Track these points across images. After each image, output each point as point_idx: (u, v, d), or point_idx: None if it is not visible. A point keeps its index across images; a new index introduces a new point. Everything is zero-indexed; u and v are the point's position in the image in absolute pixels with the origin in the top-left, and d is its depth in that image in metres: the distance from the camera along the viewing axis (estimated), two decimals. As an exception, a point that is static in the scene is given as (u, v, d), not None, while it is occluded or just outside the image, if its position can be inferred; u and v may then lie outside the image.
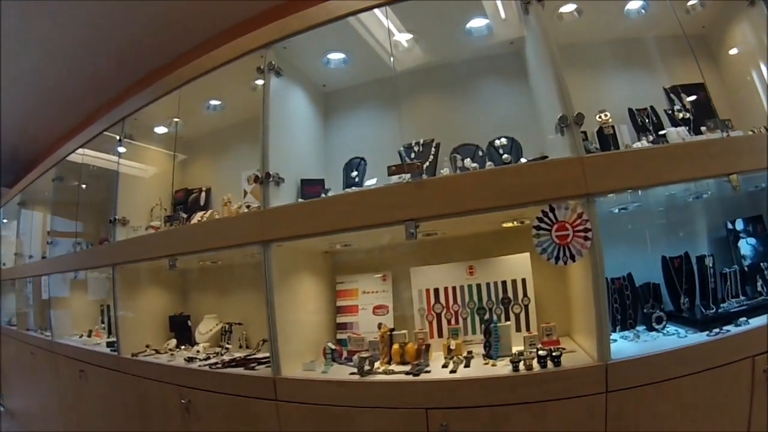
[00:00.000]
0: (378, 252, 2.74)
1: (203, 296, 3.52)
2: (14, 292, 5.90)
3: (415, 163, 2.08)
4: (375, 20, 2.50)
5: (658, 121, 2.33)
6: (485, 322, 2.29)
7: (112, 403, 3.22)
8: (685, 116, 2.28)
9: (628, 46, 2.52)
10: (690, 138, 2.06)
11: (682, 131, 2.12)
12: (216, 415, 2.44)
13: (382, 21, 2.51)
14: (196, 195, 3.41)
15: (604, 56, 2.50)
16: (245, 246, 2.43)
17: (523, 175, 1.83)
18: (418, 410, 1.83)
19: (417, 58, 2.72)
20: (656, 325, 2.11)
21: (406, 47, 2.65)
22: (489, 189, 1.85)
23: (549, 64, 1.93)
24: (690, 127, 2.19)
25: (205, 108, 3.30)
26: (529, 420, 1.69)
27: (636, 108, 2.35)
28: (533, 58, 2.32)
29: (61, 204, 4.59)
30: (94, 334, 3.98)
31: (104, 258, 3.35)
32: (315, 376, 2.20)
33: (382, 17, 2.44)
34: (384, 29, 2.57)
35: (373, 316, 2.66)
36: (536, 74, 2.32)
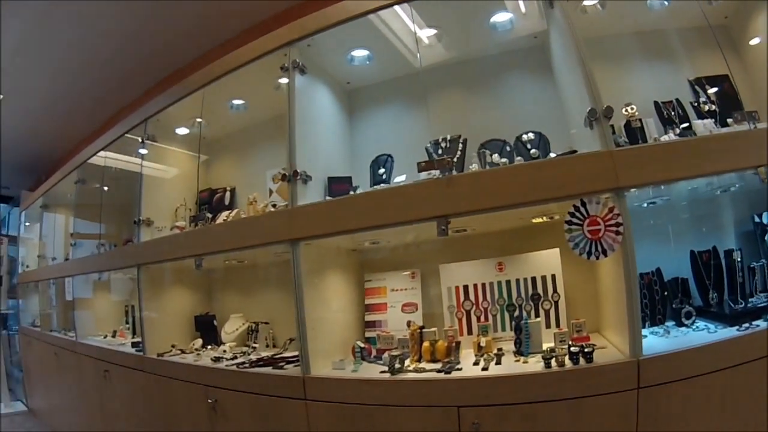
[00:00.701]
0: (406, 249, 2.72)
1: (228, 296, 3.52)
2: (37, 294, 5.98)
3: (446, 159, 2.05)
4: (398, 17, 2.48)
5: (683, 113, 2.28)
6: (516, 319, 2.27)
7: (136, 403, 3.24)
8: (710, 108, 2.23)
9: (651, 39, 2.47)
10: (717, 130, 2.02)
11: (709, 124, 2.08)
12: (243, 414, 2.43)
13: (405, 17, 2.50)
14: (221, 195, 3.41)
15: (627, 49, 2.46)
16: (273, 245, 2.42)
17: (554, 170, 1.80)
18: (449, 408, 1.80)
19: (441, 53, 2.70)
20: (685, 321, 2.07)
21: (430, 43, 2.63)
22: (521, 184, 1.82)
23: (576, 58, 1.90)
24: (716, 119, 2.14)
25: (228, 107, 3.30)
26: (562, 417, 1.67)
27: (661, 101, 2.31)
28: (558, 51, 2.29)
29: (84, 206, 4.64)
30: (119, 334, 4.00)
31: (129, 258, 3.36)
32: (345, 375, 2.18)
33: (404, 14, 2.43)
34: (407, 26, 2.56)
35: (402, 313, 2.64)
36: (562, 68, 2.28)
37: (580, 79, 1.88)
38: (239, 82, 2.92)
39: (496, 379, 1.81)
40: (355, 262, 2.82)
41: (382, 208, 2.08)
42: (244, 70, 2.78)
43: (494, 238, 2.49)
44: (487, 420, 1.74)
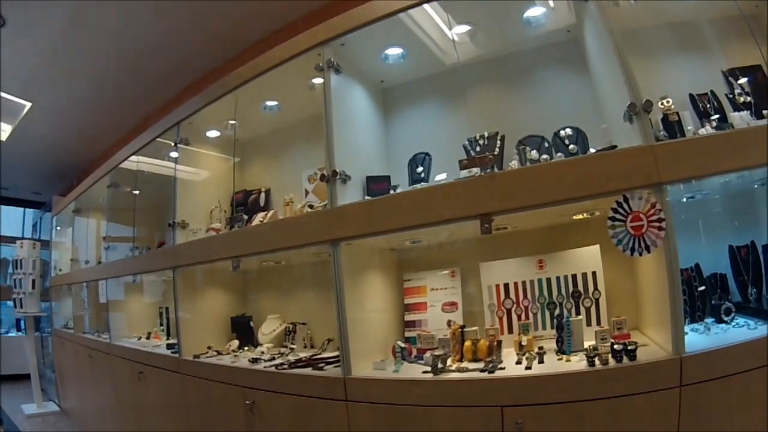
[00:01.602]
0: (445, 247, 2.68)
1: (265, 297, 3.53)
2: (70, 297, 6.06)
3: (487, 156, 2.04)
4: (431, 14, 2.47)
5: (719, 105, 2.21)
6: (557, 317, 2.23)
7: (171, 405, 3.25)
8: (745, 100, 2.15)
9: (683, 30, 2.40)
10: (754, 122, 1.95)
11: (746, 116, 2.00)
12: (282, 416, 2.42)
13: (438, 14, 2.49)
14: (256, 196, 3.41)
15: (659, 41, 2.39)
16: (314, 245, 2.41)
17: (597, 165, 1.77)
18: (493, 408, 1.77)
19: (475, 50, 2.66)
20: (725, 317, 2.01)
21: (463, 40, 2.60)
22: (564, 180, 1.79)
23: (613, 52, 1.86)
24: (751, 111, 2.07)
25: (261, 109, 3.30)
26: (605, 415, 1.64)
27: (696, 93, 2.25)
28: (593, 45, 2.24)
29: (117, 210, 4.70)
30: (153, 336, 4.03)
31: (165, 261, 3.39)
32: (387, 375, 2.16)
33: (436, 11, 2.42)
34: (440, 23, 2.56)
35: (442, 313, 2.60)
36: (597, 62, 2.24)
37: (617, 73, 1.85)
38: (272, 83, 2.91)
39: (540, 378, 1.78)
40: (393, 261, 2.79)
41: (424, 206, 2.06)
42: (276, 71, 2.77)
43: (534, 235, 2.45)
44: (531, 419, 1.71)
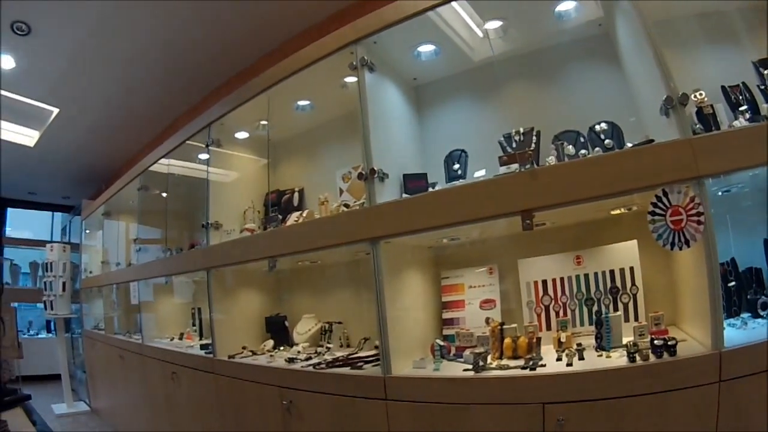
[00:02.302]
0: (483, 245, 2.65)
1: (299, 296, 3.53)
2: (101, 298, 6.16)
3: (527, 152, 2.00)
4: (462, 10, 2.46)
5: (750, 97, 2.14)
6: (596, 313, 2.21)
7: (205, 405, 3.26)
8: None
9: (712, 20, 2.34)
10: None
11: None
12: (319, 415, 2.42)
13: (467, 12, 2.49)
14: (289, 196, 3.41)
15: (688, 32, 2.34)
16: (353, 244, 2.40)
17: (637, 159, 1.74)
18: (535, 405, 1.75)
19: (507, 46, 2.63)
20: (761, 312, 1.97)
21: (496, 36, 2.58)
22: (605, 175, 1.77)
23: (647, 45, 1.84)
24: None
25: (293, 108, 3.30)
26: (647, 412, 1.61)
27: (728, 85, 2.19)
28: (626, 38, 2.21)
29: (147, 212, 4.75)
30: (186, 336, 4.05)
31: (199, 262, 3.41)
32: (427, 373, 2.14)
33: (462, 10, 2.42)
34: (468, 19, 2.54)
35: (480, 310, 2.58)
36: (630, 55, 2.21)
37: (651, 67, 1.83)
38: (303, 83, 2.91)
39: (581, 375, 1.76)
40: (430, 259, 2.77)
41: (464, 204, 2.04)
42: (307, 70, 2.76)
43: (571, 231, 2.41)
44: (572, 416, 1.69)
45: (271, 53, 4.20)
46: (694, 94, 2.11)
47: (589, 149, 2.28)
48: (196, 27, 3.95)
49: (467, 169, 2.65)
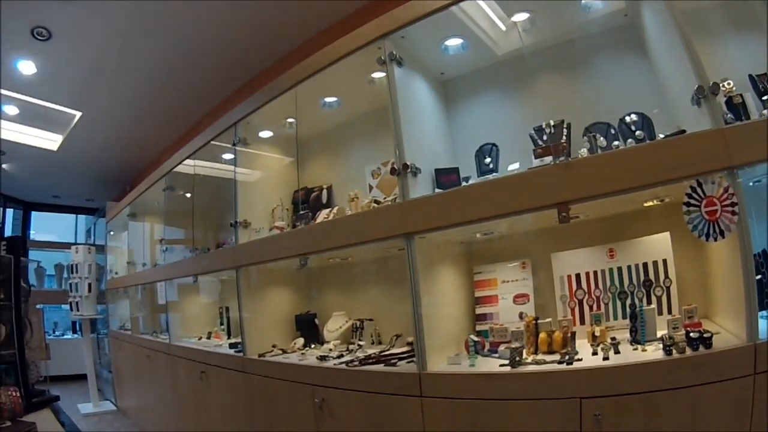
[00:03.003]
0: (516, 239, 2.62)
1: (329, 294, 3.52)
2: (126, 299, 6.23)
3: (561, 144, 1.99)
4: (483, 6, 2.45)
5: None
6: (630, 307, 2.17)
7: (235, 404, 3.27)
8: None
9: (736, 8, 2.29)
10: None
11: None
12: (352, 413, 2.41)
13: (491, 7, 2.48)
14: (317, 193, 3.40)
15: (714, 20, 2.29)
16: (387, 240, 2.38)
17: (671, 150, 1.72)
18: (571, 400, 1.73)
19: (534, 38, 2.61)
20: None
21: (524, 28, 2.56)
22: (640, 166, 1.75)
23: (677, 35, 1.82)
24: None
25: (320, 105, 3.29)
26: (682, 405, 1.60)
27: (756, 74, 2.12)
28: (653, 29, 2.19)
29: (172, 213, 4.78)
30: (214, 336, 4.07)
31: (227, 261, 3.42)
32: (463, 369, 2.13)
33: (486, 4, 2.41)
34: (495, 12, 2.52)
35: (514, 305, 2.56)
36: (658, 45, 2.18)
37: (679, 56, 1.81)
38: (329, 79, 2.90)
39: (619, 369, 1.73)
40: (462, 254, 2.75)
41: (500, 197, 2.02)
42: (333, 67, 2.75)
43: (603, 223, 2.38)
44: (609, 411, 1.67)
45: (294, 51, 4.20)
46: (722, 83, 2.08)
47: (620, 141, 2.25)
48: (219, 27, 3.96)
49: (499, 163, 2.62)
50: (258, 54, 4.39)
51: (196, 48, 4.28)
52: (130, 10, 3.69)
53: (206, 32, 4.04)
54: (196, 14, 3.78)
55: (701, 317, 2.09)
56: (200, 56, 4.41)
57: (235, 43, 4.22)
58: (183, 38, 4.13)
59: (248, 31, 4.04)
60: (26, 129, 6.17)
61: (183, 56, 4.41)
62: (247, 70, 4.66)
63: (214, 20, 3.87)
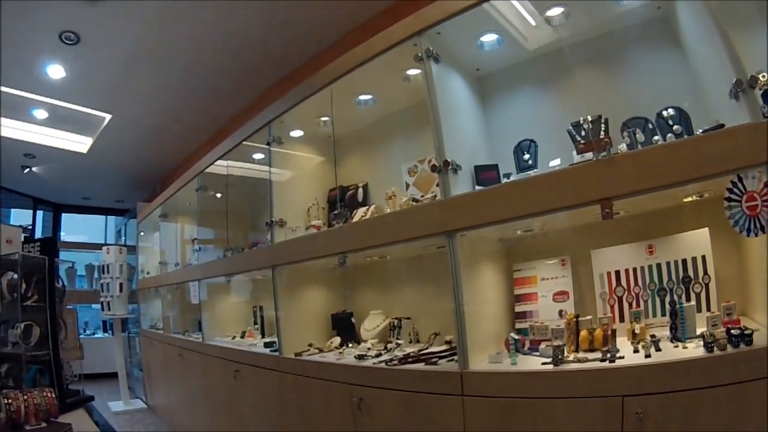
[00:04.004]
0: (554, 236, 2.60)
1: (366, 292, 3.52)
2: (158, 298, 6.33)
3: (603, 139, 1.96)
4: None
5: None
6: (671, 304, 2.13)
7: (270, 403, 3.29)
8: None
9: None
10: None
11: None
12: (391, 412, 2.40)
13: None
14: (353, 192, 3.40)
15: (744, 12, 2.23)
16: (428, 237, 2.37)
17: (712, 144, 1.68)
18: (614, 398, 1.71)
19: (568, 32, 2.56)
20: None
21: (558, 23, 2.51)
22: (685, 160, 1.70)
23: (713, 27, 1.79)
24: None
25: (355, 103, 3.28)
26: (723, 403, 1.56)
27: None
28: (687, 21, 2.14)
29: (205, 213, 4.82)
30: (247, 335, 4.09)
31: (263, 260, 3.43)
32: (505, 368, 2.10)
33: None
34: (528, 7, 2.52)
35: (553, 303, 2.53)
36: (693, 38, 2.14)
37: (715, 49, 1.78)
38: (364, 77, 2.89)
39: (662, 366, 1.70)
40: (500, 251, 2.72)
41: (542, 194, 2.00)
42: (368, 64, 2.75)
43: (642, 219, 2.33)
44: (650, 409, 1.64)
45: (324, 51, 4.22)
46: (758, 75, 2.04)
47: (659, 135, 2.21)
48: (249, 27, 3.99)
49: (537, 159, 2.59)
50: (288, 54, 4.41)
51: (226, 48, 4.31)
52: (158, 11, 3.74)
53: (235, 33, 4.08)
54: (225, 15, 3.81)
55: (739, 314, 2.05)
56: (229, 56, 4.44)
57: (265, 44, 4.24)
58: (212, 39, 4.16)
59: (277, 31, 4.06)
60: (56, 132, 6.30)
61: (212, 57, 4.45)
62: (277, 70, 4.68)
63: (243, 20, 3.90)
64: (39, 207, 9.55)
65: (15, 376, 4.61)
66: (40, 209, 9.65)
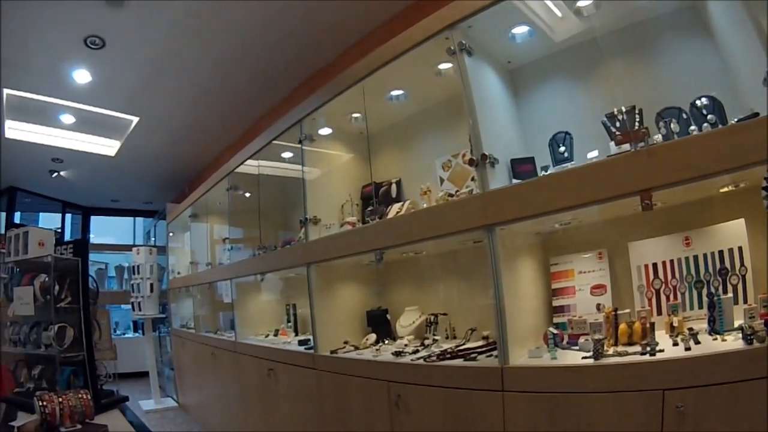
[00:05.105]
0: (590, 229, 2.56)
1: (401, 289, 3.51)
2: (189, 298, 6.40)
3: (641, 130, 1.93)
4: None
5: None
6: (709, 296, 2.10)
7: (305, 401, 3.30)
8: None
9: None
10: None
11: None
12: (429, 409, 2.39)
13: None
14: (386, 188, 3.38)
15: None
16: (467, 232, 2.36)
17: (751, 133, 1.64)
18: (654, 392, 1.69)
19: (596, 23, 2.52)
20: None
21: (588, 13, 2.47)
22: (722, 150, 1.67)
23: (744, 14, 1.77)
24: None
25: (386, 99, 3.27)
26: (763, 395, 1.52)
27: None
28: (718, 8, 2.11)
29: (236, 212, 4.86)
30: (281, 333, 4.11)
31: (298, 258, 3.44)
32: (546, 363, 2.09)
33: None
34: None
35: (591, 296, 2.50)
36: (724, 26, 2.10)
37: (748, 37, 1.75)
38: (394, 72, 2.87)
39: (702, 359, 1.67)
40: (537, 245, 2.70)
41: (581, 186, 1.98)
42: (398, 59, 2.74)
43: (678, 211, 2.28)
44: (690, 402, 1.62)
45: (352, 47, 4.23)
46: None
47: (693, 125, 2.16)
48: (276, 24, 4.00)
49: (573, 151, 2.56)
50: (315, 52, 4.41)
51: (252, 48, 4.33)
52: (183, 13, 3.76)
53: (262, 32, 4.10)
54: (252, 13, 3.83)
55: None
56: (256, 56, 4.46)
57: (291, 42, 4.25)
58: (238, 38, 4.18)
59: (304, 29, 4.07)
60: (84, 136, 6.40)
61: (239, 57, 4.48)
62: (305, 68, 4.70)
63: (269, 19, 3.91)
64: (67, 210, 9.72)
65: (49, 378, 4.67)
66: (69, 212, 9.82)
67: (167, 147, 6.73)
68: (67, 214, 9.75)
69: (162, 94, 5.22)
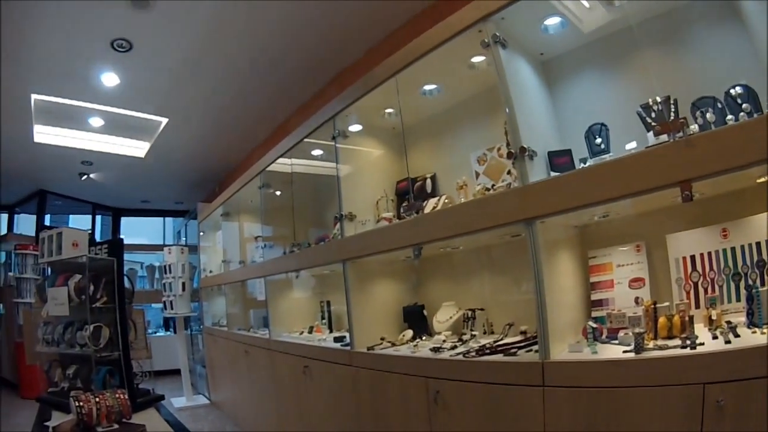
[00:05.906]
0: (628, 221, 2.53)
1: (437, 284, 3.51)
2: (221, 296, 6.47)
3: (679, 120, 1.89)
4: None
5: None
6: (747, 288, 2.06)
7: (341, 398, 3.32)
8: None
9: None
10: None
11: None
12: (468, 405, 2.39)
13: None
14: (421, 183, 3.39)
15: None
16: (507, 226, 2.35)
17: None
18: (695, 386, 1.66)
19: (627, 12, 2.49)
20: None
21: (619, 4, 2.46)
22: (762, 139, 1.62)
23: None
24: None
25: (419, 94, 3.27)
26: None
27: None
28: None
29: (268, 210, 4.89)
30: (315, 330, 4.14)
31: (334, 254, 3.46)
32: (586, 357, 2.07)
33: None
34: None
35: (629, 289, 2.47)
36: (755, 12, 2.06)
37: None
38: (427, 66, 2.87)
39: (743, 352, 1.65)
40: (575, 238, 2.68)
41: (621, 178, 1.95)
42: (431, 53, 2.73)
43: (714, 202, 2.22)
44: (730, 397, 1.59)
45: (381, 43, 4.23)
46: None
47: (729, 114, 2.12)
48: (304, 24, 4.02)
49: (609, 143, 2.53)
50: (343, 49, 4.43)
51: (280, 46, 4.36)
52: (211, 13, 3.80)
53: (291, 30, 4.12)
54: (280, 12, 3.85)
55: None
56: (284, 54, 4.48)
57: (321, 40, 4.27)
58: (266, 37, 4.21)
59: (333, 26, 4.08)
60: (113, 139, 6.52)
61: (267, 55, 4.51)
62: (334, 65, 4.72)
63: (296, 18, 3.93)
64: (98, 212, 9.89)
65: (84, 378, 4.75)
66: (99, 214, 9.99)
67: (197, 147, 6.81)
68: (97, 215, 9.94)
69: (191, 95, 5.28)
